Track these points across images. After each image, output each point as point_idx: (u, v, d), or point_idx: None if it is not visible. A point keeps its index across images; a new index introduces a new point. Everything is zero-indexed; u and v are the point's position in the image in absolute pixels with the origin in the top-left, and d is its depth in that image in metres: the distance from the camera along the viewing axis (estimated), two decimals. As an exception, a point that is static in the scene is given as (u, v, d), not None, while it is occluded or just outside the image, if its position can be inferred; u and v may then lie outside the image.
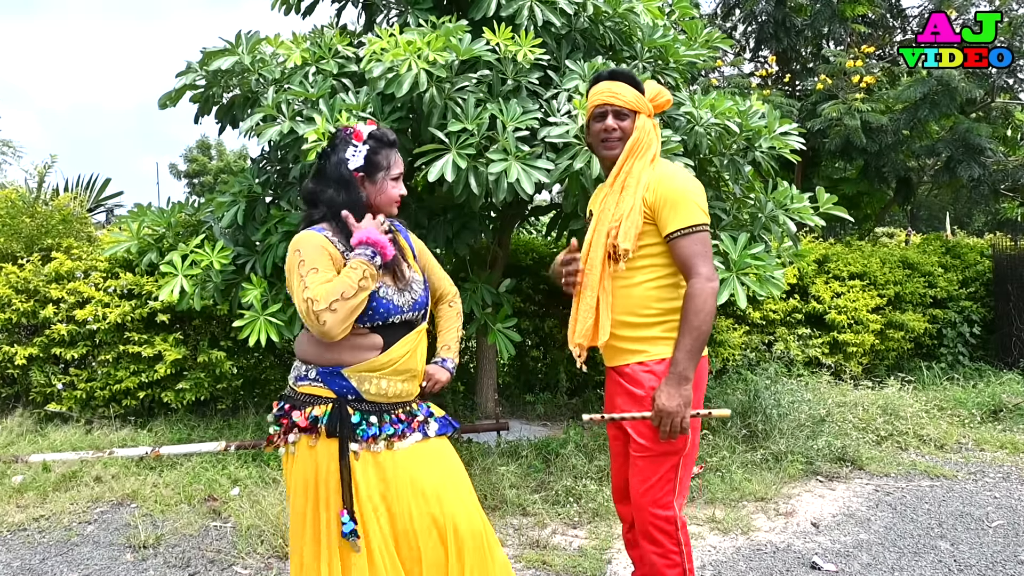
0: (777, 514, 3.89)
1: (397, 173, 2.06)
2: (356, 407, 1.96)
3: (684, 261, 2.09)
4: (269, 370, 5.58)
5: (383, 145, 2.04)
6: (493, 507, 3.86)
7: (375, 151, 2.02)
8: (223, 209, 4.18)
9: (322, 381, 1.96)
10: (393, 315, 1.98)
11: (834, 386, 6.22)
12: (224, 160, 30.89)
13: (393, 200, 2.07)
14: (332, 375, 1.95)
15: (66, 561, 3.33)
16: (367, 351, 1.96)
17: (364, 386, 1.96)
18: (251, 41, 4.09)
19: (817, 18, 9.01)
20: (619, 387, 2.23)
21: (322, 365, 1.96)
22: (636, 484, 2.17)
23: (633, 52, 4.29)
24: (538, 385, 6.24)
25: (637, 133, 2.18)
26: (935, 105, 7.43)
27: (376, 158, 2.02)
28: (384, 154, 2.03)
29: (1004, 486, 4.34)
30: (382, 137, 2.05)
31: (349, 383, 1.95)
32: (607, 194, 2.23)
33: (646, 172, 2.16)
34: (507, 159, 3.47)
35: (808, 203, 4.25)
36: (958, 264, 7.79)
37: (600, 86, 2.22)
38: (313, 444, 1.94)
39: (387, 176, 2.04)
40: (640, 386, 2.15)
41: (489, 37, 3.64)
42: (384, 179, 2.03)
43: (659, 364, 2.14)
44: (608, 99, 2.19)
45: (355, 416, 1.95)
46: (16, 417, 5.22)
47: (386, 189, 2.04)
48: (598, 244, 2.18)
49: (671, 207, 2.09)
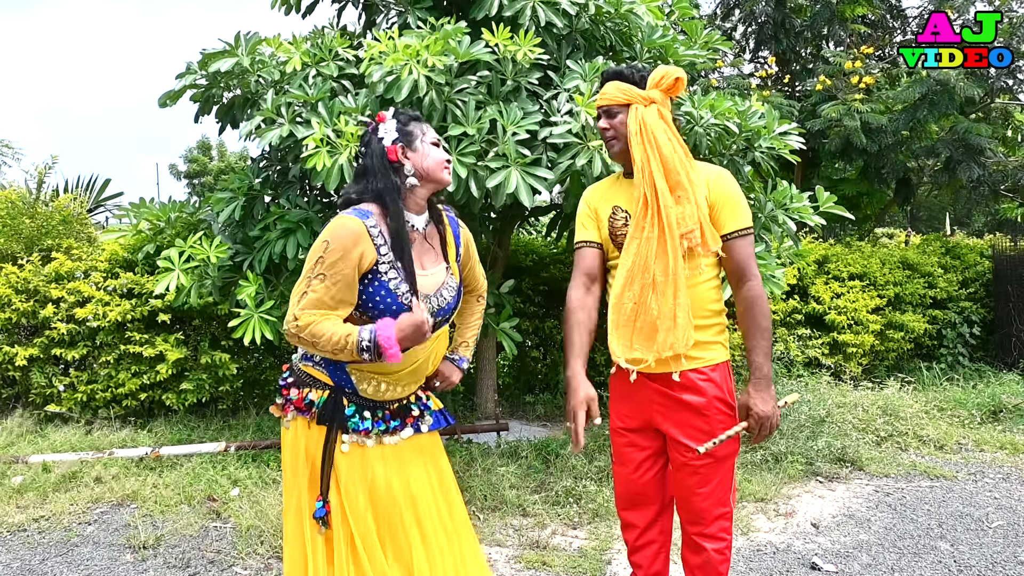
0: (777, 515, 3.89)
1: (434, 138, 2.04)
2: (351, 399, 1.97)
3: (740, 262, 2.07)
4: (269, 370, 5.58)
5: (410, 119, 2.04)
6: (493, 508, 3.86)
7: (404, 124, 2.01)
8: (221, 205, 4.18)
9: (324, 367, 1.97)
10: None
11: (834, 387, 6.22)
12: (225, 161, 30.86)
13: (440, 163, 2.00)
14: (334, 365, 1.96)
15: (66, 562, 3.33)
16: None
17: (362, 385, 1.96)
18: (250, 42, 4.09)
19: (816, 19, 9.02)
20: (662, 396, 2.12)
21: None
22: (699, 491, 2.12)
23: (633, 53, 4.30)
24: (538, 386, 6.24)
25: (634, 124, 2.10)
26: (934, 105, 7.43)
27: (407, 128, 2.00)
28: (414, 124, 2.02)
29: (1004, 487, 4.34)
30: (406, 112, 2.06)
31: (348, 378, 1.96)
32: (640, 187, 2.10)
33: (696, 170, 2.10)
34: (507, 166, 3.47)
35: (808, 203, 4.26)
36: (958, 265, 7.80)
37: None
38: (308, 426, 1.96)
39: (424, 140, 2.01)
40: (700, 394, 2.08)
41: (488, 38, 3.65)
42: (423, 143, 2.00)
43: (714, 371, 2.10)
44: (599, 101, 2.18)
45: (349, 408, 1.95)
46: (16, 418, 5.22)
47: (429, 152, 2.00)
48: (673, 250, 2.03)
49: (730, 207, 2.08)
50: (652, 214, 2.06)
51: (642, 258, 2.07)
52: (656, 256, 2.05)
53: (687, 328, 2.03)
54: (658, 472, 2.25)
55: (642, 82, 2.14)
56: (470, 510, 3.81)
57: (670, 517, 2.33)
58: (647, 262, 2.06)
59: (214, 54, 4.08)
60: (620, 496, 2.31)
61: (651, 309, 2.06)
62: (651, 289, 2.06)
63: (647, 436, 2.21)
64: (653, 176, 2.06)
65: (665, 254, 2.04)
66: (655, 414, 2.15)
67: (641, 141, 2.08)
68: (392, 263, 1.91)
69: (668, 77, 2.12)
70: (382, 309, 1.90)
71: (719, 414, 2.10)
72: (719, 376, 2.10)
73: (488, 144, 3.58)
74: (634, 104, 2.11)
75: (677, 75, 2.12)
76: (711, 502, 2.13)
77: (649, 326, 2.07)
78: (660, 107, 2.11)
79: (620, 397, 2.26)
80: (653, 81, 2.12)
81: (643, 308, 2.07)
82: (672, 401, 2.11)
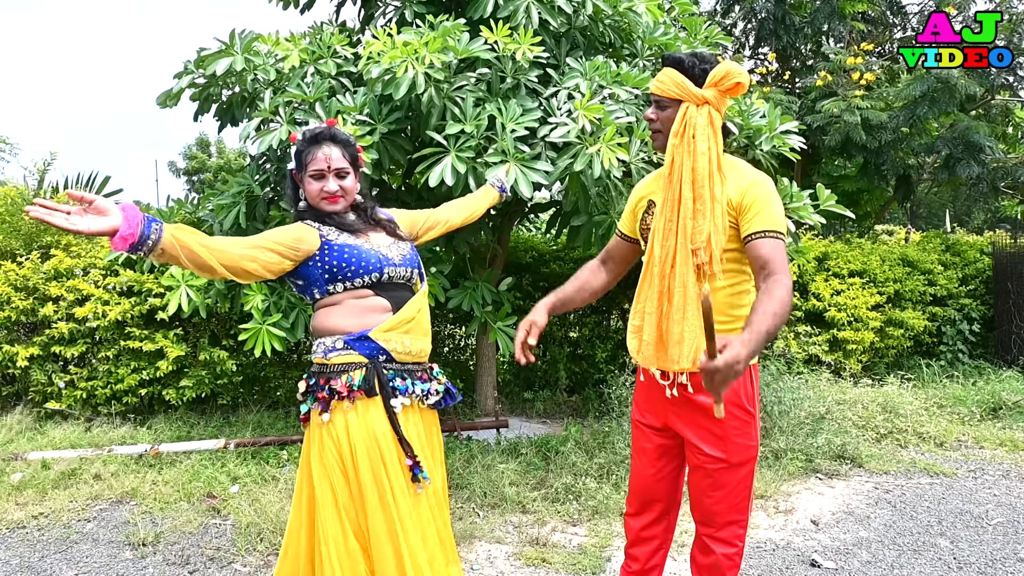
0: (777, 511, 3.89)
1: (314, 170, 2.09)
2: (388, 367, 2.06)
3: (766, 258, 1.88)
4: (269, 368, 5.58)
5: (305, 143, 2.12)
6: (493, 504, 3.86)
7: (299, 150, 2.13)
8: (224, 212, 4.19)
9: (352, 348, 2.03)
10: (386, 267, 2.07)
11: (834, 384, 6.23)
12: (224, 157, 30.85)
13: (314, 194, 2.10)
14: (360, 340, 2.03)
15: (65, 559, 3.33)
16: (379, 313, 2.06)
17: (392, 344, 2.06)
18: (246, 41, 4.08)
19: (817, 15, 9.01)
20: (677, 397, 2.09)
21: (346, 333, 2.03)
22: (712, 494, 2.10)
23: (633, 50, 4.29)
24: (538, 383, 6.24)
25: (679, 125, 2.00)
26: (934, 102, 7.43)
27: (300, 157, 2.12)
28: (306, 151, 2.11)
29: (1003, 484, 4.35)
30: (305, 134, 2.14)
31: (377, 344, 2.04)
32: (665, 191, 2.06)
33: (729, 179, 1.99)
34: (506, 161, 3.46)
35: (808, 201, 4.25)
36: (958, 262, 7.80)
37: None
38: (350, 408, 1.99)
39: (305, 173, 2.11)
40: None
41: (487, 35, 3.64)
42: (305, 176, 2.11)
43: None
44: (652, 88, 2.10)
45: (389, 374, 2.05)
46: (16, 415, 5.22)
47: (307, 185, 2.11)
48: (684, 262, 1.99)
49: (757, 209, 1.94)
50: (673, 220, 2.02)
51: (662, 265, 2.05)
52: (673, 265, 2.02)
53: (691, 345, 1.98)
54: (671, 471, 2.23)
55: (702, 76, 2.00)
56: (470, 507, 3.82)
57: (675, 517, 2.32)
58: (664, 269, 2.04)
59: (210, 55, 4.08)
60: (631, 487, 2.32)
61: (664, 318, 2.05)
62: (667, 299, 2.04)
63: (665, 435, 2.20)
64: (682, 183, 2.00)
65: (684, 265, 2.00)
66: (671, 415, 2.14)
67: (681, 143, 2.00)
68: (335, 230, 2.08)
69: (730, 78, 1.98)
70: (355, 265, 2.03)
71: (733, 419, 2.03)
72: (736, 381, 1.99)
73: (487, 141, 3.57)
74: (687, 102, 2.01)
75: (740, 78, 1.98)
76: (724, 506, 2.10)
77: (662, 334, 2.06)
78: (713, 109, 2.00)
79: (642, 393, 2.25)
80: (713, 79, 1.99)
81: (658, 316, 2.06)
82: (686, 403, 2.09)
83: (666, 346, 2.05)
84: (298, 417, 2.16)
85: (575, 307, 2.50)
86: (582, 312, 6.44)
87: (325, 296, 2.07)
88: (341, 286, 2.04)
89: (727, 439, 2.04)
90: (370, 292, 2.06)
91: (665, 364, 2.07)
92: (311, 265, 2.03)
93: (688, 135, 1.99)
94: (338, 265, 2.03)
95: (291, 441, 4.69)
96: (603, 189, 3.84)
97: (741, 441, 2.05)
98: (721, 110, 2.03)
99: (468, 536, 3.49)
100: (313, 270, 2.03)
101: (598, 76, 3.80)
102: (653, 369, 2.12)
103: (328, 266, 2.03)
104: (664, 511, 2.27)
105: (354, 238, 2.08)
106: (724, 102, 2.03)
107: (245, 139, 3.94)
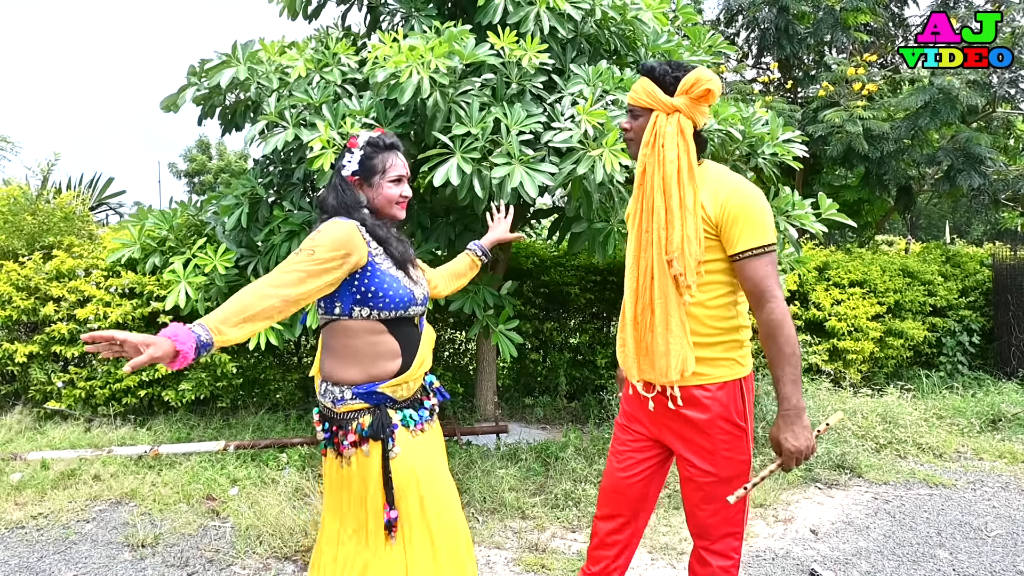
0: (776, 521, 3.89)
1: (395, 175, 2.12)
2: (394, 407, 2.07)
3: (757, 283, 1.91)
4: (269, 370, 5.58)
5: (379, 150, 2.12)
6: (492, 510, 3.85)
7: (369, 156, 2.11)
8: (228, 212, 4.20)
9: (360, 399, 2.03)
10: (411, 306, 2.07)
11: (833, 393, 6.22)
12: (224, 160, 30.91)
13: (391, 200, 2.12)
14: (368, 394, 2.03)
15: (64, 559, 3.33)
16: (388, 360, 2.04)
17: (399, 393, 2.06)
18: (247, 51, 4.11)
19: (819, 26, 9.05)
20: (667, 409, 2.07)
21: (355, 385, 2.03)
22: (704, 507, 2.09)
23: (637, 57, 4.31)
24: (537, 388, 6.24)
25: (648, 134, 1.99)
26: (936, 113, 7.45)
27: (371, 162, 2.11)
28: (380, 158, 2.11)
29: (1003, 496, 4.34)
30: (377, 142, 2.13)
31: (384, 395, 2.04)
32: (637, 201, 2.05)
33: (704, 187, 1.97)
34: (511, 163, 3.48)
35: (809, 210, 4.27)
36: (958, 273, 7.81)
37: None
38: (367, 454, 2.01)
39: (383, 178, 2.11)
40: (703, 410, 2.01)
41: (493, 41, 3.65)
42: (380, 181, 2.11)
43: (721, 389, 2.01)
44: (627, 97, 2.10)
45: (396, 414, 2.07)
46: (15, 414, 5.21)
47: (382, 191, 2.11)
48: (662, 274, 1.97)
49: (741, 225, 1.91)
50: (650, 231, 2.00)
51: (642, 278, 2.03)
52: (652, 277, 2.00)
53: (678, 357, 1.96)
54: (646, 478, 2.20)
55: (673, 84, 1.98)
56: (469, 512, 3.81)
57: (643, 524, 2.29)
58: (645, 282, 2.02)
59: (213, 67, 4.10)
60: (601, 487, 2.29)
61: (648, 331, 2.03)
62: (649, 311, 2.01)
63: (649, 443, 2.18)
64: (654, 192, 1.98)
65: (664, 276, 1.97)
66: (661, 428, 2.12)
67: (652, 152, 1.98)
68: (383, 253, 2.06)
69: (700, 85, 1.94)
70: (388, 298, 2.01)
71: (722, 433, 2.01)
72: (725, 395, 2.00)
73: (492, 144, 3.59)
74: (656, 111, 2.00)
75: (710, 85, 1.94)
76: (717, 519, 2.09)
77: (648, 347, 2.03)
78: (683, 117, 1.97)
79: (631, 403, 2.23)
80: (684, 87, 1.96)
81: (643, 328, 2.04)
82: (675, 415, 2.05)
83: (651, 358, 2.02)
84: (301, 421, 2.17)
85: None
86: (582, 318, 6.45)
87: (344, 318, 2.01)
88: (366, 311, 2.00)
89: (717, 453, 2.03)
90: (384, 329, 2.03)
91: (650, 376, 2.05)
92: (346, 279, 1.99)
93: (658, 144, 1.98)
94: (374, 293, 2.00)
95: (291, 444, 4.69)
96: (605, 196, 3.85)
97: (731, 455, 2.03)
98: (694, 118, 1.99)
99: (467, 541, 3.48)
100: (345, 286, 1.99)
101: (601, 81, 3.82)
102: (635, 381, 2.12)
103: (363, 288, 1.99)
104: (632, 516, 2.23)
105: (395, 268, 2.06)
106: (697, 110, 2.00)
107: (250, 142, 3.95)
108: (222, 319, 1.71)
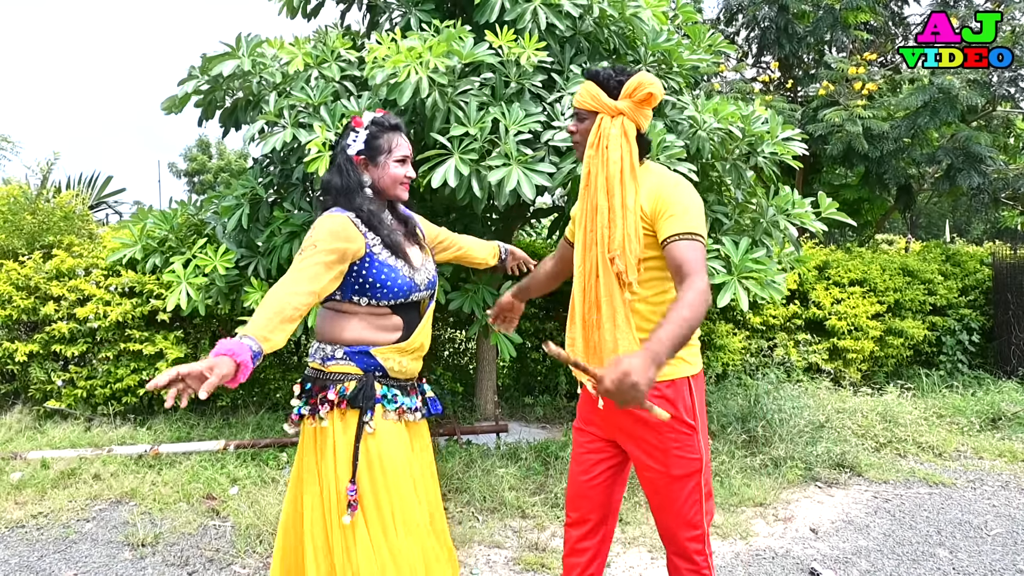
0: (776, 520, 3.89)
1: (400, 155, 2.13)
2: (383, 382, 2.06)
3: (680, 263, 1.85)
4: (268, 369, 5.58)
5: (384, 129, 2.13)
6: (492, 509, 3.85)
7: (375, 135, 2.12)
8: (228, 213, 4.20)
9: (350, 359, 2.03)
10: (412, 293, 2.09)
11: (833, 392, 6.23)
12: (224, 159, 30.92)
13: (397, 180, 2.13)
14: (360, 354, 2.03)
15: (64, 559, 3.33)
16: (389, 332, 2.07)
17: (389, 363, 2.06)
18: (251, 44, 4.10)
19: (819, 25, 9.04)
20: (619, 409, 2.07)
21: (348, 345, 2.03)
22: (665, 509, 2.09)
23: (637, 56, 4.30)
24: (537, 387, 6.24)
25: (593, 136, 2.05)
26: (936, 112, 7.45)
27: (376, 142, 2.12)
28: (386, 137, 2.12)
29: (1003, 494, 4.35)
30: (383, 122, 2.13)
31: (376, 361, 2.04)
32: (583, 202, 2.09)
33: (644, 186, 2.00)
34: (509, 164, 3.47)
35: (809, 209, 4.27)
36: (958, 272, 7.81)
37: None
38: (340, 417, 2.00)
39: (389, 158, 2.12)
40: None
41: (492, 40, 3.65)
42: (386, 161, 2.12)
43: (669, 387, 2.01)
44: (574, 101, 2.15)
45: (382, 389, 2.05)
46: (15, 414, 5.21)
47: (388, 171, 2.12)
48: (606, 272, 2.00)
49: (672, 214, 1.93)
50: (593, 231, 2.04)
51: (588, 277, 2.06)
52: (597, 276, 2.02)
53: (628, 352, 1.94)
54: (607, 480, 2.21)
55: (617, 88, 2.04)
56: (469, 511, 3.82)
57: (611, 529, 2.29)
58: (590, 281, 2.05)
59: (216, 57, 4.09)
60: (567, 494, 2.30)
61: (595, 328, 2.05)
62: (596, 309, 2.04)
63: (605, 444, 2.19)
64: (597, 192, 2.02)
65: (608, 275, 2.00)
66: (615, 428, 2.14)
67: (596, 154, 2.03)
68: (380, 243, 2.06)
69: (641, 89, 2.00)
70: (387, 288, 2.03)
71: (671, 431, 2.01)
72: (672, 392, 2.01)
73: (491, 144, 3.59)
74: (601, 113, 2.05)
75: (651, 88, 2.00)
76: (677, 522, 2.09)
77: (596, 345, 2.05)
78: (627, 120, 2.03)
79: (586, 405, 2.24)
80: (626, 91, 2.02)
81: (591, 326, 2.07)
82: (625, 414, 2.07)
83: (600, 355, 2.03)
84: (287, 415, 2.15)
85: (534, 294, 2.73)
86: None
87: (346, 303, 2.05)
88: (366, 300, 2.04)
89: (668, 452, 2.02)
90: (388, 310, 2.07)
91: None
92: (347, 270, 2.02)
93: (602, 146, 2.03)
94: (371, 283, 2.03)
95: (291, 443, 4.69)
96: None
97: (682, 454, 2.02)
98: (638, 120, 2.04)
99: (467, 540, 3.48)
100: (346, 276, 2.02)
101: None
102: (585, 380, 2.13)
103: (361, 279, 2.02)
104: (599, 521, 2.24)
105: (394, 258, 2.07)
106: (640, 113, 2.05)
107: (249, 141, 3.95)
108: (262, 326, 1.73)
